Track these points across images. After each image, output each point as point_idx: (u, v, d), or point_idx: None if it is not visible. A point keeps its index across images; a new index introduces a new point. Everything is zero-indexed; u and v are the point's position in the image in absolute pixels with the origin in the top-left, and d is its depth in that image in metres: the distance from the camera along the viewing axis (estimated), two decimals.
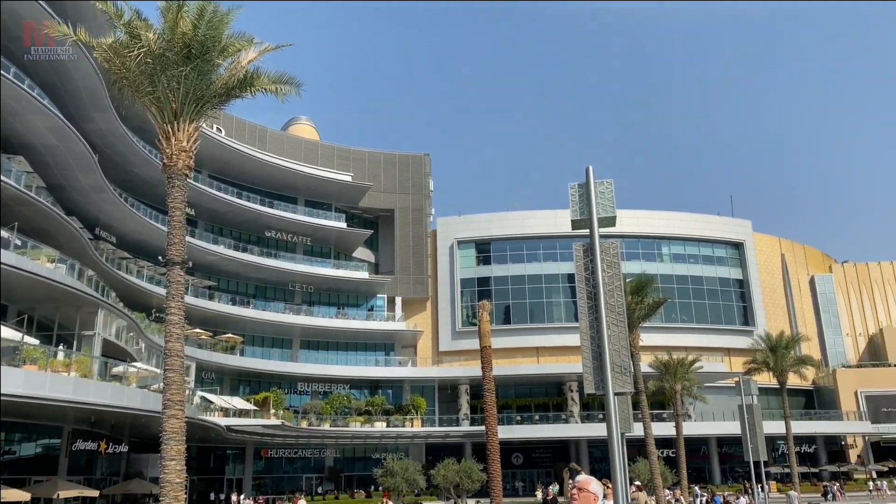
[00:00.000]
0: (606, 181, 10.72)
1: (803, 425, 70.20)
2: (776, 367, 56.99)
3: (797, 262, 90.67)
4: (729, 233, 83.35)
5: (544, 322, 74.77)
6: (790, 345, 58.53)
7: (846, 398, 78.49)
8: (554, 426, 66.37)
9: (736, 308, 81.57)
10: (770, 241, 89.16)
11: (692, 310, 78.78)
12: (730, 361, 75.57)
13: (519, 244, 77.68)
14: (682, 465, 47.76)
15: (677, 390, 50.93)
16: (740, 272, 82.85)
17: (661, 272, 77.75)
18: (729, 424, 61.22)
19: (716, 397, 67.21)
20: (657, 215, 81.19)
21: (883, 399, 73.81)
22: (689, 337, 75.30)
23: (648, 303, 43.44)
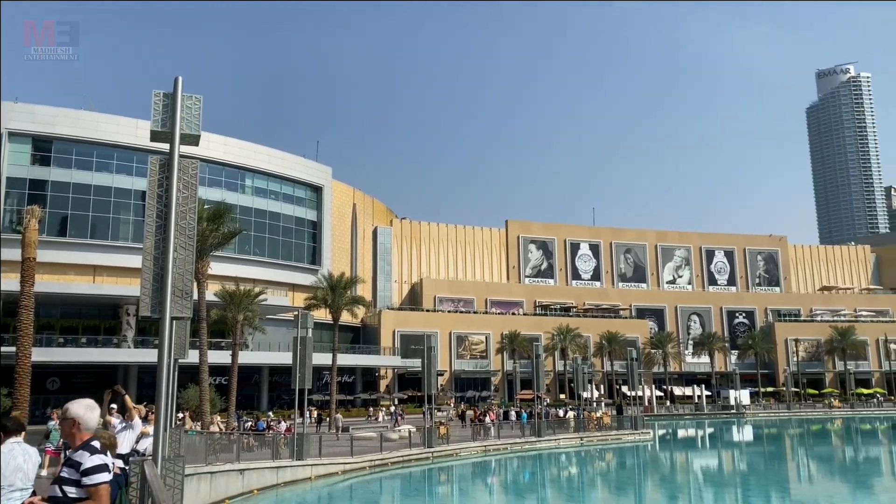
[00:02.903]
0: (196, 96, 10.11)
1: (348, 358, 78.13)
2: (333, 304, 61.97)
3: (366, 213, 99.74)
4: (311, 176, 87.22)
5: (107, 239, 68.45)
6: (348, 286, 64.21)
7: (386, 335, 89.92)
8: (103, 350, 61.58)
9: (306, 247, 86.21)
10: (346, 190, 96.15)
11: (266, 244, 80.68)
12: (293, 296, 79.70)
13: (89, 149, 69.21)
14: (233, 392, 48.97)
15: (239, 320, 51.80)
16: (315, 214, 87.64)
17: (242, 203, 77.71)
18: (283, 355, 64.60)
19: (275, 329, 70.31)
20: (247, 146, 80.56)
21: (413, 337, 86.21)
22: (260, 270, 77.09)
23: (223, 232, 43.04)
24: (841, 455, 55.65)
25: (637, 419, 58.99)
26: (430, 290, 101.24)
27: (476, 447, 44.68)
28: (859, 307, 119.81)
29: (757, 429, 76.10)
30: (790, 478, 42.18)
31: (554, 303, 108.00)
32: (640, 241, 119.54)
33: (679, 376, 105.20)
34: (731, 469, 46.73)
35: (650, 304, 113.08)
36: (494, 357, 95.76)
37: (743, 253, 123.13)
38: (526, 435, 50.28)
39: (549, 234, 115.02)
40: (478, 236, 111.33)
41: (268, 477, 30.67)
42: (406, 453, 39.37)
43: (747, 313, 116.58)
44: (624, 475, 42.90)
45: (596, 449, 51.58)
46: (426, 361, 44.95)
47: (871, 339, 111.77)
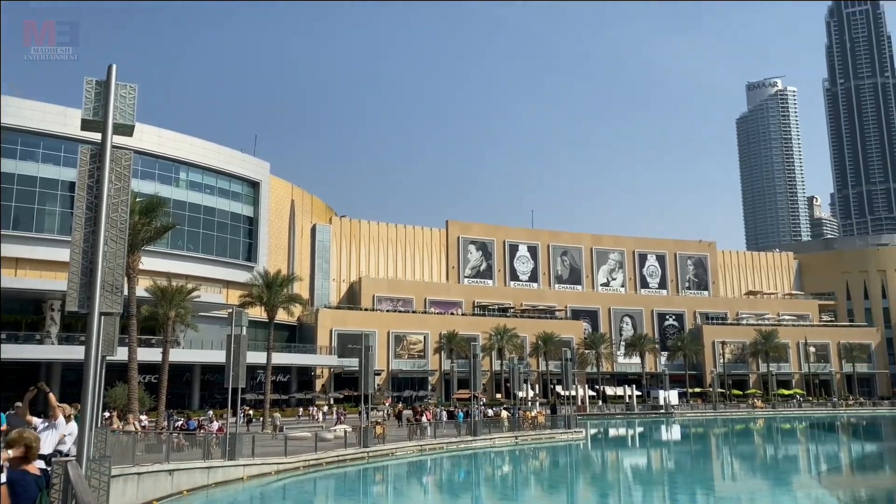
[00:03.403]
0: (130, 85, 9.81)
1: (283, 357, 77.03)
2: (269, 302, 61.01)
3: (304, 210, 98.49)
4: (248, 171, 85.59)
5: (31, 231, 65.58)
6: (285, 283, 63.29)
7: (323, 334, 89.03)
8: (24, 346, 59.02)
9: (242, 244, 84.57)
10: (284, 186, 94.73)
11: (200, 240, 78.78)
12: (228, 293, 78.09)
13: (13, 137, 66.13)
14: (163, 391, 47.68)
15: (171, 317, 50.47)
16: (252, 210, 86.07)
17: (176, 197, 75.70)
18: (216, 353, 63.16)
19: (208, 326, 68.76)
20: (182, 139, 78.47)
21: (350, 337, 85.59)
22: (193, 266, 75.23)
23: (156, 226, 41.88)
24: (762, 453, 57.96)
25: (570, 418, 60.10)
26: (369, 289, 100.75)
27: (412, 447, 44.70)
28: (782, 311, 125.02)
29: (684, 428, 78.51)
30: (715, 476, 43.69)
31: (492, 303, 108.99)
32: (576, 244, 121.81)
33: (611, 376, 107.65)
34: (659, 467, 48.09)
35: (585, 305, 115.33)
36: (432, 357, 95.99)
37: (674, 257, 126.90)
38: (462, 434, 50.59)
39: (488, 236, 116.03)
40: (418, 236, 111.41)
41: (198, 477, 29.97)
42: (341, 453, 39.09)
43: (677, 316, 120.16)
44: (556, 474, 43.65)
45: (530, 448, 52.29)
46: (363, 361, 44.72)
47: (792, 342, 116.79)
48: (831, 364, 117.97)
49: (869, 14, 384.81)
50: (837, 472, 45.34)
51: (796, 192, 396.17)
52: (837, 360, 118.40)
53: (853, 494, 36.10)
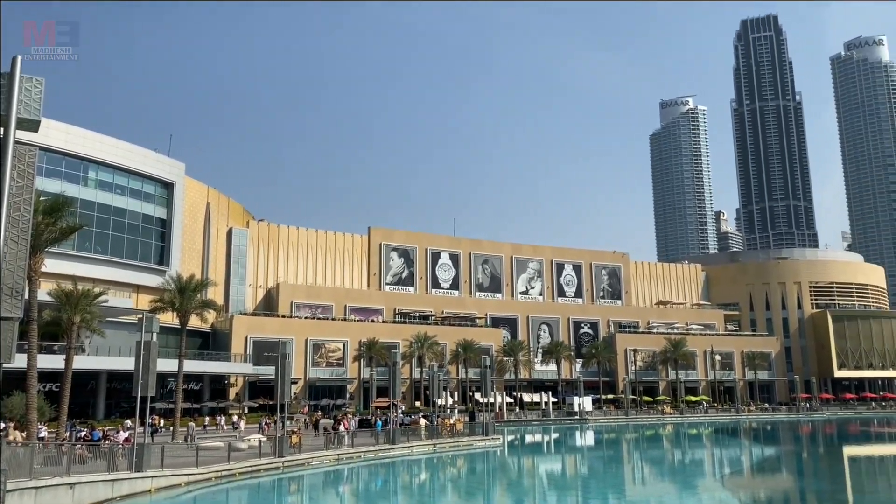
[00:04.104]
0: (37, 78, 9.30)
1: (196, 364, 74.58)
2: (181, 307, 58.97)
3: (220, 213, 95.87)
4: (162, 171, 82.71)
5: None
6: (198, 288, 61.33)
7: (238, 342, 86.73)
8: None
9: (154, 247, 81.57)
10: (199, 188, 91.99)
11: (109, 242, 75.50)
12: (137, 298, 75.10)
13: None
14: (65, 400, 45.27)
15: (76, 322, 48.05)
16: (165, 212, 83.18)
17: (84, 197, 72.45)
18: (124, 360, 60.54)
19: (116, 332, 65.74)
20: (92, 136, 75.10)
21: (267, 344, 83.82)
22: (102, 269, 72.06)
23: (62, 226, 39.87)
24: (670, 458, 60.17)
25: (488, 425, 60.71)
26: (287, 295, 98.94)
27: (329, 456, 44.10)
28: (690, 321, 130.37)
29: (598, 434, 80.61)
30: (626, 480, 45.02)
31: (413, 310, 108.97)
32: (497, 252, 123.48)
33: (528, 383, 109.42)
34: (573, 473, 49.17)
35: (504, 313, 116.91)
36: (351, 364, 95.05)
37: (590, 267, 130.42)
38: (380, 442, 50.29)
39: (410, 243, 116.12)
40: (339, 242, 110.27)
41: (102, 491, 28.63)
42: (255, 463, 38.16)
43: (592, 324, 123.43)
44: (473, 481, 43.96)
45: (448, 455, 52.48)
46: (280, 369, 43.86)
47: (699, 350, 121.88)
48: (735, 372, 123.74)
49: (773, 40, 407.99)
50: (739, 474, 47.52)
51: (705, 207, 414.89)
52: (741, 368, 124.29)
53: (753, 495, 37.92)
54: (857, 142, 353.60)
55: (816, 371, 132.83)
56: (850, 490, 39.07)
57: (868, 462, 57.91)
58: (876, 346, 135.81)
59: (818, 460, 58.33)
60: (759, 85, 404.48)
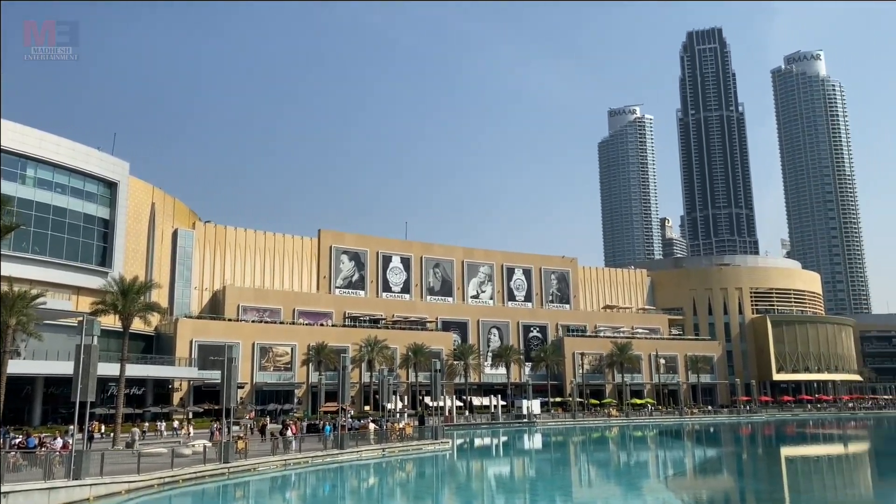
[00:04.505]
0: None
1: (139, 368, 72.60)
2: (124, 310, 57.41)
3: (166, 214, 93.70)
4: (105, 170, 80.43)
5: None
6: (142, 290, 59.78)
7: (182, 345, 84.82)
8: None
9: (96, 247, 79.23)
10: (144, 188, 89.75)
11: (48, 242, 73.02)
12: (78, 300, 72.85)
13: None
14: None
15: (11, 325, 46.34)
16: (108, 212, 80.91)
17: (22, 195, 70.06)
18: (63, 364, 58.64)
19: (55, 335, 63.64)
20: (30, 133, 72.54)
21: (212, 348, 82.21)
22: (39, 270, 69.67)
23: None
24: (616, 460, 61.21)
25: (437, 429, 60.75)
26: (234, 298, 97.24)
27: (276, 461, 43.48)
28: (636, 325, 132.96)
29: (546, 436, 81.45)
30: (572, 482, 45.61)
31: (364, 314, 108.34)
32: (448, 256, 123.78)
33: (478, 387, 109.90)
34: (521, 475, 49.57)
35: (455, 317, 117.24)
36: (300, 369, 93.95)
37: (539, 272, 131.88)
38: (328, 447, 49.82)
39: (361, 246, 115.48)
40: (288, 244, 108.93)
41: (38, 499, 27.67)
42: (199, 469, 37.37)
43: (541, 328, 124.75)
44: (422, 485, 43.93)
45: (397, 459, 52.31)
46: (226, 373, 43.10)
47: (644, 354, 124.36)
48: (679, 375, 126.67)
49: (717, 52, 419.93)
50: (682, 475, 48.64)
51: (651, 214, 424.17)
52: (684, 372, 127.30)
53: (695, 496, 38.86)
54: (796, 152, 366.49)
55: (756, 374, 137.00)
56: (786, 489, 40.37)
57: (804, 462, 59.97)
58: (812, 350, 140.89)
59: (757, 461, 60.13)
60: (703, 95, 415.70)
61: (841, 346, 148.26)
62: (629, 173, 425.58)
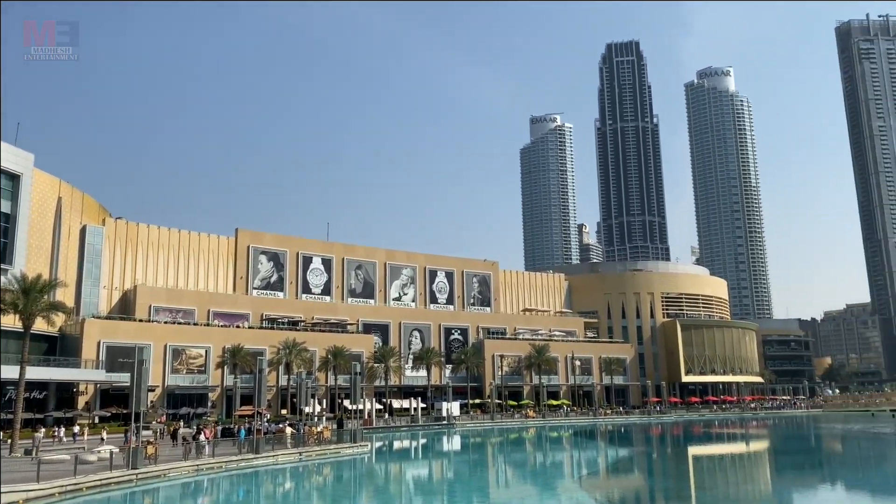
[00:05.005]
0: None
1: (40, 371, 68.88)
2: (25, 309, 54.31)
3: (74, 209, 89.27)
4: (7, 162, 75.85)
5: None
6: (45, 289, 56.73)
7: (89, 347, 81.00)
8: None
9: None
10: (50, 182, 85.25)
11: None
12: None
13: None
14: None
15: None
16: (10, 206, 76.39)
17: None
18: None
19: None
20: None
21: (122, 350, 78.92)
22: None
23: None
24: (532, 460, 62.28)
25: (356, 432, 60.26)
26: (146, 298, 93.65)
27: (187, 467, 42.08)
28: (553, 328, 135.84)
29: (464, 438, 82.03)
30: (489, 483, 46.12)
31: (282, 316, 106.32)
32: (370, 258, 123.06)
33: (399, 389, 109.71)
34: (439, 477, 49.75)
35: (377, 319, 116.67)
36: (214, 371, 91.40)
37: (461, 275, 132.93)
38: (243, 452, 48.61)
39: (281, 246, 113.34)
40: (204, 243, 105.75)
41: None
42: (105, 476, 35.74)
43: (462, 330, 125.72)
44: (339, 489, 43.46)
45: (314, 464, 51.56)
46: (136, 376, 41.44)
47: (561, 356, 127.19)
48: (593, 376, 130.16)
49: (634, 65, 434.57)
50: (595, 475, 49.96)
51: (569, 220, 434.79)
52: (598, 373, 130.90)
53: (608, 495, 39.98)
54: (706, 164, 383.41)
55: (666, 376, 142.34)
56: (693, 487, 42.09)
57: (709, 460, 62.67)
58: (718, 353, 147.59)
59: (666, 460, 62.43)
60: (620, 106, 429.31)
61: (745, 349, 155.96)
62: (549, 180, 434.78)
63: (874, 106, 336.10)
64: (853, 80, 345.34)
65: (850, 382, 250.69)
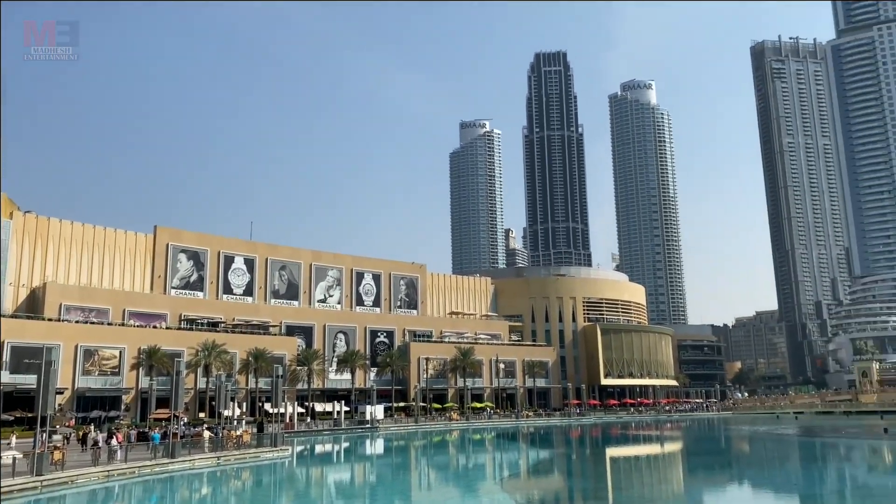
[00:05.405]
0: None
1: None
2: None
3: None
4: None
5: None
6: None
7: None
8: None
9: None
10: None
11: None
12: None
13: None
14: None
15: None
16: None
17: None
18: None
19: None
20: None
21: (28, 350, 75.06)
22: None
23: None
24: (454, 463, 62.66)
25: (277, 436, 59.22)
26: (56, 296, 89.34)
27: (97, 472, 40.36)
28: (479, 331, 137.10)
29: (388, 441, 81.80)
30: (411, 486, 46.12)
31: (202, 317, 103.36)
32: (295, 258, 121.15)
33: (322, 393, 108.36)
34: (361, 480, 49.44)
35: (300, 321, 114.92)
36: (129, 373, 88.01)
37: (389, 277, 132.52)
38: (158, 456, 46.99)
39: (202, 245, 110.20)
40: (120, 240, 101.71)
41: None
42: (7, 484, 33.86)
43: (388, 333, 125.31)
44: (258, 493, 42.61)
45: (233, 468, 50.34)
46: (43, 378, 39.45)
47: (485, 359, 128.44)
48: (517, 379, 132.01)
49: (561, 75, 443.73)
50: (517, 476, 50.69)
51: (496, 225, 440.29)
52: (522, 376, 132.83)
53: (528, 496, 40.63)
54: (628, 174, 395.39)
55: (587, 379, 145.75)
56: (609, 487, 43.25)
57: (625, 461, 64.55)
58: (636, 357, 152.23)
59: (584, 461, 63.97)
60: (547, 114, 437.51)
61: (661, 353, 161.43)
62: (478, 185, 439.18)
63: (784, 123, 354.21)
64: (766, 98, 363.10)
65: (758, 386, 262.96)
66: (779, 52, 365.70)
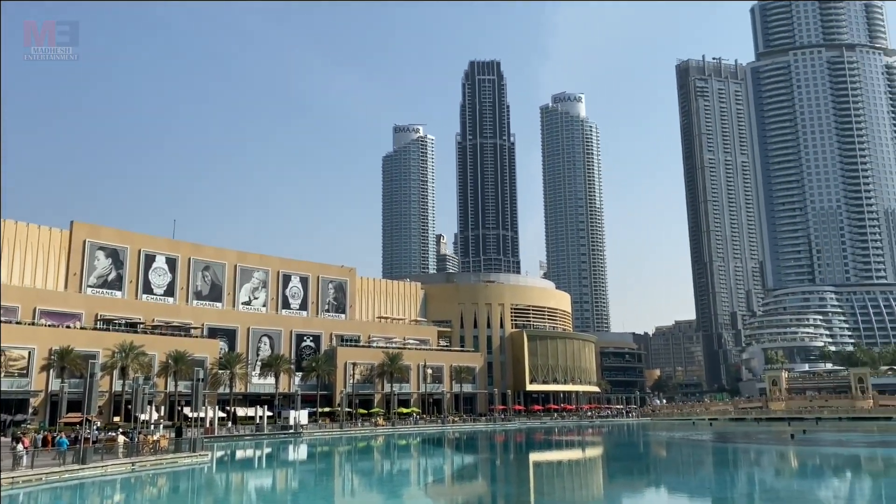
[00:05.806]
0: None
1: None
2: None
3: None
4: None
5: None
6: None
7: None
8: None
9: None
10: None
11: None
12: None
13: None
14: None
15: None
16: None
17: None
18: None
19: None
20: None
21: None
22: None
23: None
24: (379, 468, 62.29)
25: (196, 441, 57.49)
26: None
27: None
28: (408, 336, 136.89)
29: (311, 447, 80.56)
30: (334, 492, 45.55)
31: (119, 317, 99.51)
32: (220, 259, 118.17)
33: (244, 397, 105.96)
34: (282, 487, 48.50)
35: (224, 323, 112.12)
36: (38, 375, 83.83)
37: (317, 280, 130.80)
38: (67, 462, 44.83)
39: (122, 242, 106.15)
40: (33, 235, 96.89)
41: None
42: None
43: (315, 337, 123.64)
44: (174, 500, 41.19)
45: (148, 474, 48.54)
46: None
47: (413, 364, 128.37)
48: (444, 384, 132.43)
49: (495, 83, 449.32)
50: (441, 482, 50.74)
51: (428, 230, 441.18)
52: (449, 381, 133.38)
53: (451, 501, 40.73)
54: (557, 184, 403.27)
55: (512, 384, 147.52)
56: (532, 491, 43.83)
57: (548, 466, 65.58)
58: (560, 363, 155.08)
59: (508, 466, 64.65)
60: (480, 122, 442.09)
61: (584, 360, 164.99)
62: (410, 189, 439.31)
63: (706, 140, 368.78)
64: (689, 115, 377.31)
65: (675, 393, 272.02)
66: (702, 71, 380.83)
